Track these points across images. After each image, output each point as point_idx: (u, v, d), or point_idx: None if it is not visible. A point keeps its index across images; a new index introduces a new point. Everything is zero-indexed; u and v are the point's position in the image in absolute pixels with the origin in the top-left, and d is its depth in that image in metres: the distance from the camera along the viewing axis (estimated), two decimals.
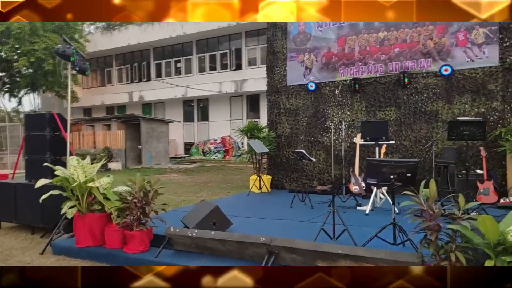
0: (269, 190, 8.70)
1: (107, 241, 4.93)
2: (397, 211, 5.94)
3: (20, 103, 31.39)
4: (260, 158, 8.90)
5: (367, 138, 6.09)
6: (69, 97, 6.48)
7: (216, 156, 23.23)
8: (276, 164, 9.28)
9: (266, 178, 8.83)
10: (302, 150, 6.80)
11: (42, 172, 6.28)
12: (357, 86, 8.17)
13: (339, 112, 8.52)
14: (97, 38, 26.79)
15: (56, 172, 4.97)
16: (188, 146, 25.35)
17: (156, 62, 26.53)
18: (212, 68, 24.40)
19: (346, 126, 8.38)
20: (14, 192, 6.44)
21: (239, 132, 9.45)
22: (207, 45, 24.67)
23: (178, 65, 25.72)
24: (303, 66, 8.92)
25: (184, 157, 24.33)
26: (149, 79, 26.63)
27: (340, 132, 8.49)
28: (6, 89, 25.06)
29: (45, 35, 20.21)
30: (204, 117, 25.11)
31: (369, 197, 7.28)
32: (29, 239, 6.08)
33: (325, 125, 8.67)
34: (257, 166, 8.87)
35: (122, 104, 27.54)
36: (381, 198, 6.39)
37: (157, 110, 26.63)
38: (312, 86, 8.68)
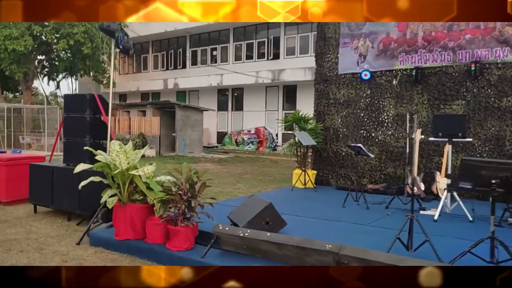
0: (314, 186, 8.09)
1: (148, 235, 4.48)
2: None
3: (58, 87, 32.01)
4: (305, 151, 8.28)
5: (440, 133, 5.35)
6: (111, 79, 6.08)
7: (250, 147, 22.76)
8: (322, 158, 8.63)
9: (311, 173, 8.20)
10: (359, 145, 6.13)
11: (81, 156, 5.93)
12: (419, 76, 7.37)
13: (396, 105, 7.76)
14: (135, 24, 26.68)
15: (97, 157, 4.55)
16: (221, 136, 25.02)
17: (192, 49, 26.23)
18: (249, 57, 23.85)
19: (404, 120, 7.63)
20: (51, 175, 6.13)
21: (284, 122, 8.83)
22: (245, 33, 24.11)
23: (214, 53, 25.32)
24: (357, 53, 8.18)
25: (217, 146, 24.00)
26: (184, 67, 26.40)
27: (396, 126, 7.75)
28: (45, 73, 25.46)
29: None
30: (238, 106, 24.65)
31: (429, 200, 6.57)
32: (65, 226, 5.75)
33: (380, 119, 7.93)
34: (303, 159, 8.25)
35: (157, 91, 27.48)
36: (449, 203, 5.65)
37: (191, 98, 26.40)
38: (366, 75, 7.94)
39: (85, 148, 4.81)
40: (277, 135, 22.86)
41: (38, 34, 20.16)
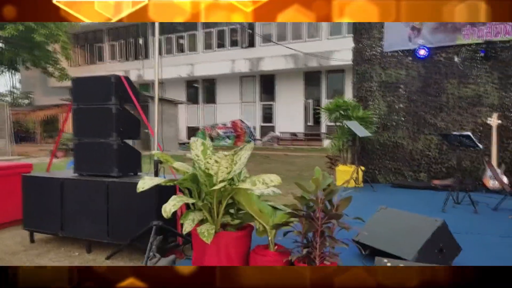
0: (362, 184, 6.89)
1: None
2: None
3: None
4: (358, 144, 7.01)
5: None
6: (156, 54, 4.40)
7: (226, 142, 21.18)
8: (366, 151, 7.43)
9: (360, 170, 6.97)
10: (467, 133, 4.97)
11: (102, 162, 4.28)
12: (489, 52, 6.38)
13: (459, 86, 6.73)
14: None
15: (174, 165, 2.96)
16: (191, 131, 23.16)
17: (154, 37, 23.98)
18: (220, 45, 22.14)
19: (470, 103, 6.65)
20: (60, 191, 4.34)
21: (325, 110, 7.50)
22: None
23: (181, 41, 23.30)
24: (409, 26, 7.04)
25: (189, 143, 22.15)
26: (147, 57, 24.10)
27: (459, 110, 6.74)
28: None
29: None
30: (210, 99, 22.90)
31: None
32: (90, 262, 4.04)
33: (439, 103, 6.87)
34: (355, 154, 6.99)
35: None
36: None
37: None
38: (423, 52, 6.82)
39: (156, 159, 3.17)
40: (254, 128, 21.51)
41: None
